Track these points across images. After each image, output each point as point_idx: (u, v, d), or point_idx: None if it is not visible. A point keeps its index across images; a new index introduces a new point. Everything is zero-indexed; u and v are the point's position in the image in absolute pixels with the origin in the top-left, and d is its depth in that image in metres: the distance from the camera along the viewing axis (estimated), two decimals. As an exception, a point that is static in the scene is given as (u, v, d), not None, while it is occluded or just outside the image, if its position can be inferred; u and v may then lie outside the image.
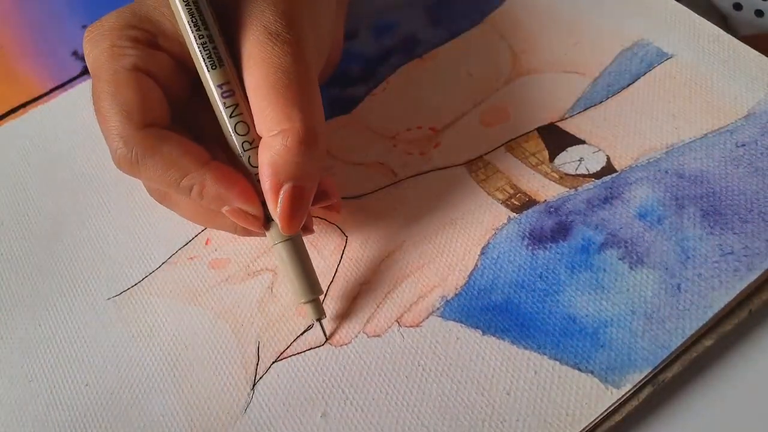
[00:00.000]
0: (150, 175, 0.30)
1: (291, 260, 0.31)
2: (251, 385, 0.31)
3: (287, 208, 0.30)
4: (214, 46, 0.30)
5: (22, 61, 0.47)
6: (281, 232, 0.31)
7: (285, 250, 0.31)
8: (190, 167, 0.30)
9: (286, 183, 0.29)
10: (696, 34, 0.39)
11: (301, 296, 0.31)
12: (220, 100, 0.30)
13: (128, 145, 0.29)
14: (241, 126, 0.30)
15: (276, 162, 0.29)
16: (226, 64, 0.30)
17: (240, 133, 0.30)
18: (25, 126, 0.43)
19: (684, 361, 0.30)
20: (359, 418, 0.30)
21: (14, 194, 0.40)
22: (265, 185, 0.30)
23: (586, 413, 0.29)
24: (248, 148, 0.30)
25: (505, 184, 0.36)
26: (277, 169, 0.29)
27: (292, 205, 0.30)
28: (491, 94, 0.39)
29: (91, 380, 0.33)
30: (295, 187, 0.29)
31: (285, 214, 0.30)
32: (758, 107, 0.36)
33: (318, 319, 0.32)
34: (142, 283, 0.35)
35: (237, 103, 0.30)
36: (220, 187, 0.30)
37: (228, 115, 0.30)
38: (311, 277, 0.32)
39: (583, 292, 0.32)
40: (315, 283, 0.32)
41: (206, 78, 0.30)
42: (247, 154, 0.30)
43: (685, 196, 0.33)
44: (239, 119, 0.30)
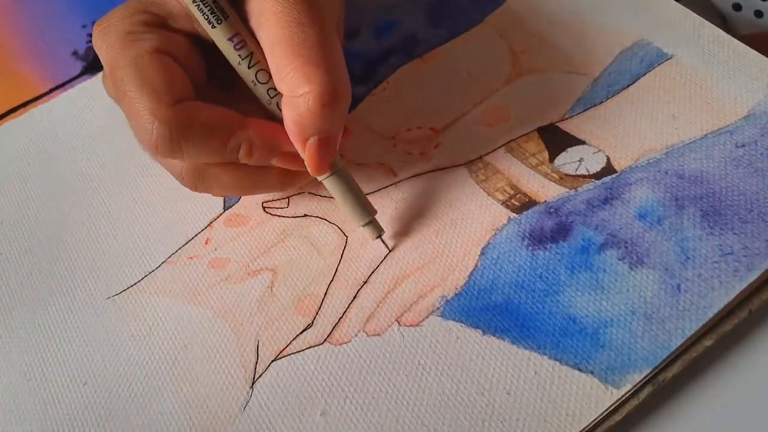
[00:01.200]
0: (193, 149, 0.30)
1: (342, 190, 0.32)
2: (250, 383, 0.31)
3: (315, 157, 0.30)
4: (214, 1, 0.29)
5: (22, 60, 0.46)
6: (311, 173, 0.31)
7: (335, 183, 0.32)
8: (233, 127, 0.30)
9: (312, 137, 0.30)
10: (696, 34, 0.39)
11: (359, 219, 0.33)
12: (234, 53, 0.30)
13: (165, 123, 0.29)
14: (261, 74, 0.30)
15: (300, 121, 0.29)
16: (231, 17, 0.30)
17: (261, 81, 0.30)
18: (25, 126, 0.43)
19: (684, 361, 0.30)
20: (359, 417, 0.30)
21: (14, 194, 0.40)
22: (291, 136, 0.30)
23: (586, 413, 0.29)
24: (274, 95, 0.31)
25: (505, 185, 0.36)
26: (301, 127, 0.29)
27: (319, 153, 0.30)
28: (491, 94, 0.39)
29: (90, 379, 0.33)
30: (321, 139, 0.30)
31: (312, 162, 0.30)
32: (758, 107, 0.36)
33: (378, 236, 0.34)
34: (141, 283, 0.35)
35: (251, 52, 0.30)
36: (267, 138, 0.30)
37: (246, 66, 0.30)
38: (363, 201, 0.33)
39: (583, 292, 0.31)
40: (368, 206, 0.33)
41: (215, 36, 0.30)
42: (275, 101, 0.31)
43: (685, 196, 0.33)
44: (258, 68, 0.30)
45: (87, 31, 0.47)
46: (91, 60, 0.46)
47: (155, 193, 0.38)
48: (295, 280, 0.34)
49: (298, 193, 0.37)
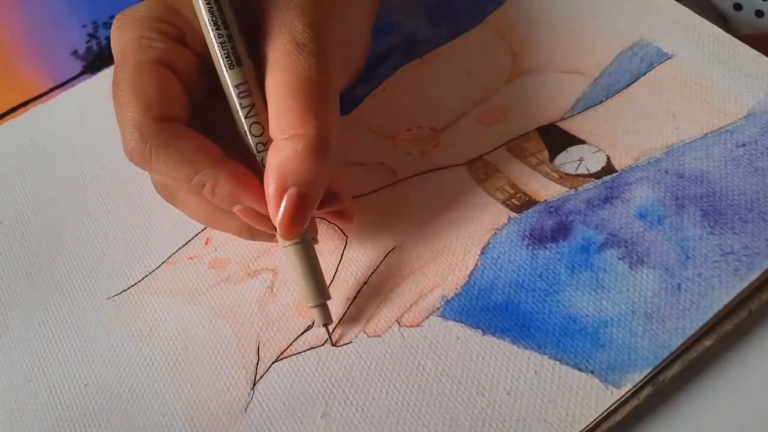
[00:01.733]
0: (162, 169, 0.30)
1: (300, 263, 0.31)
2: (251, 384, 0.31)
3: (289, 213, 0.29)
4: (233, 46, 0.30)
5: (22, 60, 0.46)
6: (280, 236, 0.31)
7: (294, 253, 0.31)
8: (204, 163, 0.29)
9: (291, 187, 0.29)
10: (696, 34, 0.39)
11: (309, 300, 0.31)
12: (236, 100, 0.30)
13: (143, 137, 0.29)
14: (255, 127, 0.30)
15: (284, 165, 0.29)
16: (245, 65, 0.30)
17: (255, 134, 0.30)
18: (25, 125, 0.43)
19: (684, 361, 0.30)
20: (359, 418, 0.30)
21: (14, 193, 0.40)
22: (269, 188, 0.29)
23: (587, 413, 0.29)
24: (262, 149, 0.30)
25: (505, 184, 0.36)
26: (283, 172, 0.29)
27: (295, 210, 0.29)
28: (491, 94, 0.39)
29: (90, 379, 0.33)
30: (300, 193, 0.29)
31: (286, 219, 0.29)
32: (758, 107, 0.36)
33: (325, 325, 0.32)
34: (141, 283, 0.35)
35: (253, 103, 0.30)
36: (234, 185, 0.30)
37: (244, 115, 0.30)
38: (319, 281, 0.31)
39: (583, 291, 0.32)
40: (323, 288, 0.32)
41: (224, 77, 0.30)
42: (261, 155, 0.30)
43: (685, 195, 0.33)
44: (254, 120, 0.30)
45: (87, 31, 0.47)
46: (91, 60, 0.46)
47: (155, 192, 0.38)
48: (296, 280, 0.34)
49: None
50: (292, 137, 0.29)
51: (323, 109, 0.29)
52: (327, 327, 0.32)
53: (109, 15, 0.48)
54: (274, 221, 0.30)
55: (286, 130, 0.29)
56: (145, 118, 0.29)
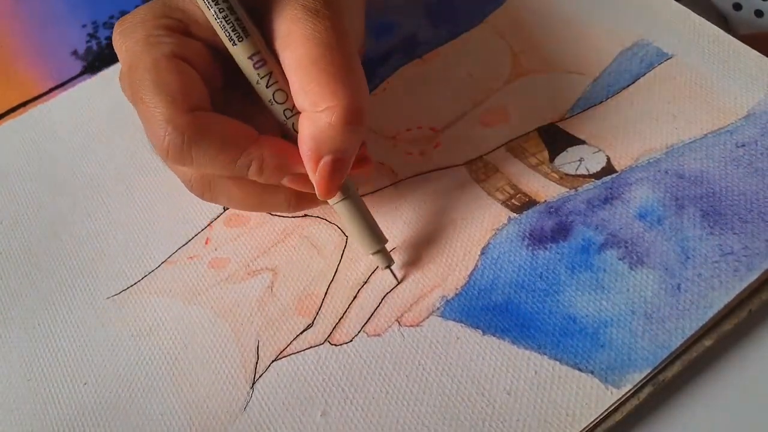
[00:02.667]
0: (204, 159, 0.29)
1: (353, 216, 0.32)
2: (251, 383, 0.31)
3: (326, 177, 0.29)
4: (237, 18, 0.29)
5: (22, 60, 0.46)
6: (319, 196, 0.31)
7: (345, 208, 0.32)
8: (246, 143, 0.29)
9: (327, 156, 0.29)
10: (696, 34, 0.39)
11: (369, 248, 0.32)
12: (254, 71, 0.30)
13: (178, 130, 0.28)
14: (279, 94, 0.30)
15: (318, 136, 0.29)
16: (252, 35, 0.30)
17: (279, 101, 0.30)
18: (25, 125, 0.43)
19: (684, 361, 0.30)
20: (359, 418, 0.30)
21: (13, 193, 0.40)
22: (304, 156, 0.29)
23: (587, 413, 0.29)
24: (290, 115, 0.30)
25: (505, 184, 0.36)
26: (318, 143, 0.29)
27: (331, 174, 0.29)
28: (491, 94, 0.39)
29: (90, 379, 0.33)
30: (335, 160, 0.29)
31: (323, 183, 0.30)
32: (758, 107, 0.36)
33: (387, 266, 0.33)
34: (141, 282, 0.35)
35: (270, 71, 0.30)
36: (280, 157, 0.30)
37: (265, 85, 0.30)
38: (374, 228, 0.32)
39: (583, 292, 0.32)
40: (379, 234, 0.33)
41: (236, 51, 0.30)
42: (290, 121, 0.30)
43: (685, 196, 0.33)
44: (276, 87, 0.30)
45: (87, 31, 0.47)
46: (91, 60, 0.46)
47: (155, 192, 0.38)
48: (296, 280, 0.34)
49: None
50: (324, 110, 0.28)
51: (351, 77, 0.29)
52: (391, 268, 0.33)
53: (109, 15, 0.48)
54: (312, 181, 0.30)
55: (317, 103, 0.28)
56: (175, 111, 0.28)
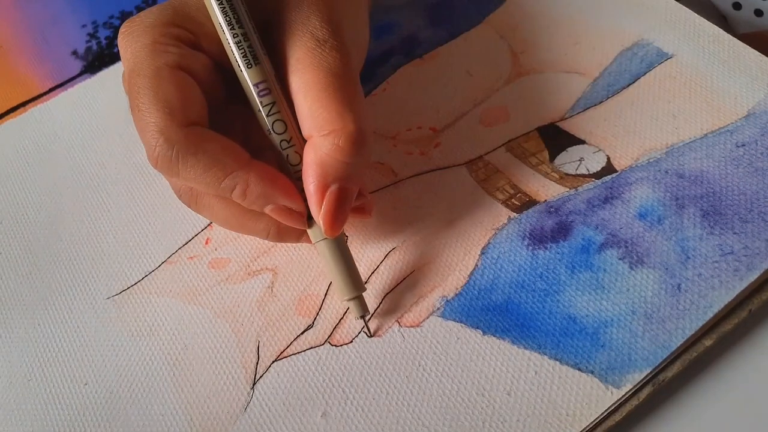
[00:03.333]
0: (189, 175, 0.29)
1: (334, 258, 0.31)
2: (251, 384, 0.31)
3: (332, 210, 0.29)
4: (250, 45, 0.29)
5: (22, 60, 0.46)
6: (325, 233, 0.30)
7: (328, 248, 0.31)
8: (233, 166, 0.29)
9: (333, 184, 0.29)
10: (696, 34, 0.39)
11: (345, 293, 0.31)
12: (258, 98, 0.30)
13: (169, 143, 0.28)
14: (278, 124, 0.30)
15: (325, 162, 0.29)
16: (263, 63, 0.30)
17: (277, 131, 0.30)
18: (25, 125, 0.43)
19: (684, 361, 0.30)
20: (359, 418, 0.30)
21: (13, 193, 0.40)
22: (309, 186, 0.29)
23: (587, 413, 0.29)
24: (286, 146, 0.30)
25: (505, 184, 0.36)
26: (325, 169, 0.29)
27: (337, 206, 0.29)
28: (491, 94, 0.39)
29: (90, 379, 0.33)
30: (341, 189, 0.29)
31: (330, 216, 0.29)
32: (758, 107, 0.36)
33: (362, 316, 0.32)
34: (141, 283, 0.35)
35: (274, 101, 0.30)
36: (265, 185, 0.29)
37: (266, 113, 0.30)
38: (354, 274, 0.32)
39: (583, 292, 0.32)
40: (358, 280, 0.32)
41: (243, 76, 0.30)
42: (286, 152, 0.30)
43: (685, 196, 0.33)
44: (277, 117, 0.30)
45: (87, 30, 0.47)
46: (91, 60, 0.46)
47: (155, 192, 0.38)
48: (296, 280, 0.34)
49: None
50: (331, 133, 0.28)
51: (357, 103, 0.29)
52: (364, 318, 0.32)
53: (109, 15, 0.48)
54: (316, 219, 0.30)
55: (324, 127, 0.29)
56: (169, 123, 0.28)
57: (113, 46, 0.46)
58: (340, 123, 0.28)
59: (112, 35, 0.47)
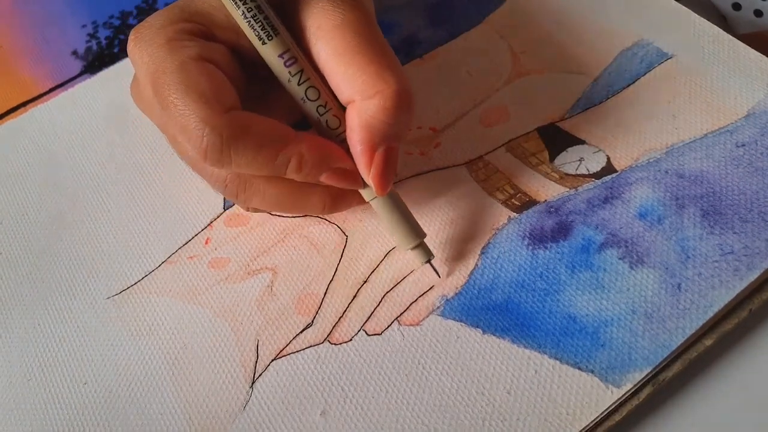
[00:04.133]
0: (242, 160, 0.29)
1: (391, 211, 0.32)
2: (250, 383, 0.31)
3: (382, 170, 0.29)
4: (265, 16, 0.29)
5: (22, 60, 0.46)
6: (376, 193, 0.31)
7: (383, 204, 0.32)
8: (284, 141, 0.29)
9: (381, 145, 0.29)
10: (696, 34, 0.39)
11: (407, 243, 0.32)
12: (285, 69, 0.29)
13: (216, 131, 0.28)
14: (311, 91, 0.30)
15: (371, 124, 0.29)
16: (281, 33, 0.29)
17: (311, 98, 0.30)
18: (25, 125, 0.43)
19: (684, 361, 0.30)
20: (359, 417, 0.30)
21: (13, 193, 0.40)
22: (356, 148, 0.29)
23: (587, 412, 0.29)
24: (323, 112, 0.30)
25: (505, 184, 0.36)
26: (372, 131, 0.29)
27: (386, 166, 0.29)
28: (491, 94, 0.39)
29: (90, 379, 0.33)
30: (389, 149, 0.29)
31: (380, 176, 0.29)
32: (758, 107, 0.36)
33: (427, 261, 0.32)
34: (141, 282, 0.35)
35: (302, 69, 0.29)
36: (318, 153, 0.29)
37: (297, 83, 0.29)
38: (412, 223, 0.32)
39: (583, 291, 0.31)
40: (417, 228, 0.32)
41: (265, 51, 0.29)
42: (324, 118, 0.30)
43: (685, 195, 0.33)
44: (308, 84, 0.30)
45: (87, 31, 0.47)
46: (91, 60, 0.46)
47: (155, 192, 0.38)
48: (295, 279, 0.34)
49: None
50: (376, 95, 0.28)
51: (394, 61, 0.29)
52: (431, 262, 0.32)
53: (108, 15, 0.48)
54: (366, 180, 0.30)
55: (366, 90, 0.28)
56: (210, 112, 0.28)
57: (113, 46, 0.46)
58: (383, 84, 0.28)
59: (112, 35, 0.47)
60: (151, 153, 0.40)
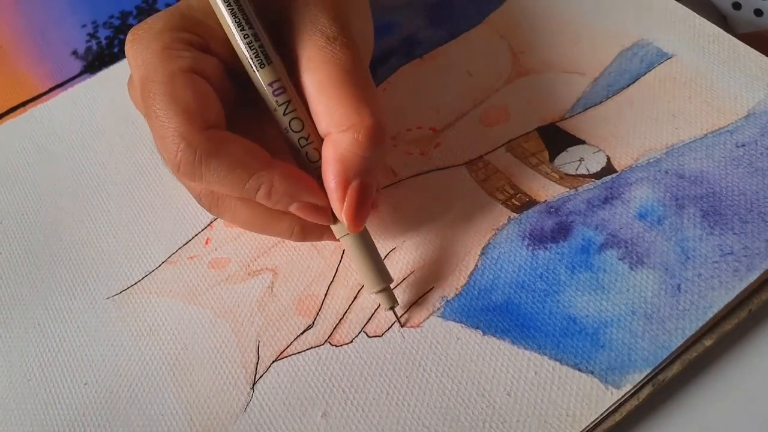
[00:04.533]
0: (213, 178, 0.29)
1: (359, 251, 0.31)
2: (251, 384, 0.31)
3: (354, 205, 0.29)
4: (260, 45, 0.29)
5: (22, 60, 0.46)
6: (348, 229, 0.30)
7: (353, 243, 0.31)
8: (257, 166, 0.29)
9: (355, 180, 0.29)
10: (696, 34, 0.39)
11: (373, 286, 0.32)
12: (272, 98, 0.30)
13: (191, 147, 0.28)
14: (295, 122, 0.30)
15: (345, 157, 0.29)
16: (275, 62, 0.30)
17: (295, 129, 0.30)
18: (25, 125, 0.43)
19: (684, 361, 0.30)
20: (359, 418, 0.30)
21: (13, 193, 0.40)
22: (330, 183, 0.29)
23: (587, 413, 0.29)
24: (305, 144, 0.30)
25: (505, 184, 0.36)
26: (346, 164, 0.29)
27: (359, 202, 0.29)
28: (491, 94, 0.39)
29: (90, 379, 0.33)
30: (363, 183, 0.29)
31: (352, 212, 0.29)
32: (758, 107, 0.36)
33: (391, 308, 0.32)
34: (141, 283, 0.35)
35: (289, 99, 0.30)
36: (290, 183, 0.29)
37: (282, 112, 0.30)
38: (380, 266, 0.32)
39: (583, 292, 0.32)
40: (384, 272, 0.32)
41: (256, 77, 0.30)
42: (305, 150, 0.30)
43: (685, 196, 0.33)
44: (293, 116, 0.30)
45: (87, 30, 0.47)
46: (91, 60, 0.46)
47: (155, 192, 0.38)
48: (296, 280, 0.34)
49: None
50: (350, 128, 0.29)
51: (372, 97, 0.29)
52: (394, 309, 0.32)
53: (108, 15, 0.48)
54: (339, 215, 0.30)
55: (342, 123, 0.29)
56: (189, 128, 0.28)
57: (113, 46, 0.46)
58: (358, 118, 0.28)
59: (112, 35, 0.47)
60: (151, 153, 0.40)
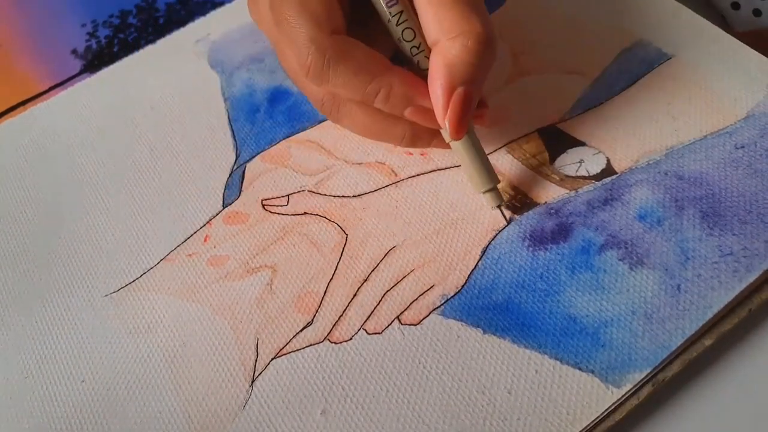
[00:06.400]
0: (339, 81, 0.31)
1: (469, 154, 0.33)
2: (250, 381, 0.31)
3: (458, 113, 0.31)
4: None
5: (22, 59, 0.46)
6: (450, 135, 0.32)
7: (462, 146, 0.33)
8: (378, 71, 0.31)
9: (459, 86, 0.30)
10: (696, 34, 0.39)
11: (481, 186, 0.34)
12: (386, 9, 0.31)
13: (321, 50, 0.30)
14: (408, 32, 0.32)
15: (453, 63, 0.30)
16: None
17: (407, 39, 0.32)
18: (25, 124, 0.43)
19: (684, 361, 0.30)
20: (359, 416, 0.30)
21: (13, 191, 0.40)
22: (436, 89, 0.31)
23: (587, 412, 0.29)
24: (416, 52, 0.32)
25: (505, 186, 0.36)
26: (453, 71, 0.30)
27: (462, 110, 0.31)
28: (491, 95, 0.39)
29: (87, 376, 0.33)
30: (466, 92, 0.30)
31: (455, 119, 0.31)
32: (757, 109, 0.36)
33: (498, 206, 0.34)
34: (140, 280, 0.35)
35: (402, 10, 0.32)
36: (407, 87, 0.31)
37: (396, 23, 0.31)
38: (488, 167, 0.34)
39: (583, 292, 0.32)
40: (492, 173, 0.34)
41: None
42: (417, 58, 0.32)
43: (684, 197, 0.33)
44: (406, 25, 0.32)
45: (86, 29, 0.47)
46: (90, 59, 0.46)
47: (154, 190, 0.38)
48: (295, 277, 0.34)
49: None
50: (459, 35, 0.30)
51: (482, 8, 0.31)
52: (500, 207, 0.34)
53: (108, 14, 0.48)
54: (440, 122, 0.31)
55: (451, 30, 0.30)
56: (319, 33, 0.30)
57: (113, 45, 0.46)
58: (468, 25, 0.30)
59: (112, 34, 0.47)
60: (150, 151, 0.40)
